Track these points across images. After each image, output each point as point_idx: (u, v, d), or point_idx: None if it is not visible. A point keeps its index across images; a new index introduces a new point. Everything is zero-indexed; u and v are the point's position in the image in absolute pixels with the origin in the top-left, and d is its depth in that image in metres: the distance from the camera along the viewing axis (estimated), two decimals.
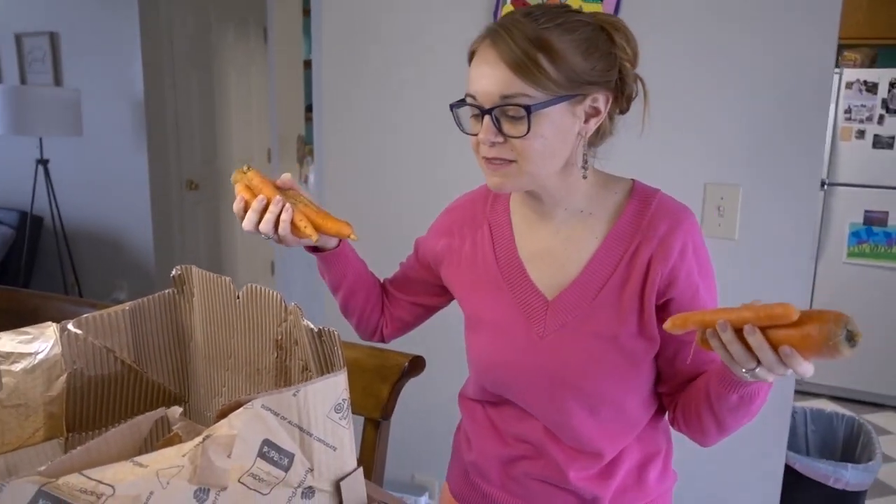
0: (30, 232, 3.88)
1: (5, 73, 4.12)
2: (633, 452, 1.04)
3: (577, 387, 0.98)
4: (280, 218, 0.97)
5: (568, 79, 0.89)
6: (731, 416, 0.92)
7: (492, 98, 0.89)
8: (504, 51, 0.88)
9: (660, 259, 0.94)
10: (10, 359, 0.86)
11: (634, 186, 1.02)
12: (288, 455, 0.71)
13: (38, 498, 0.55)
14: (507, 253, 1.05)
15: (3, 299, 1.56)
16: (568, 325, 0.98)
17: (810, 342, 0.72)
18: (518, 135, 0.89)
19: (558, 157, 0.94)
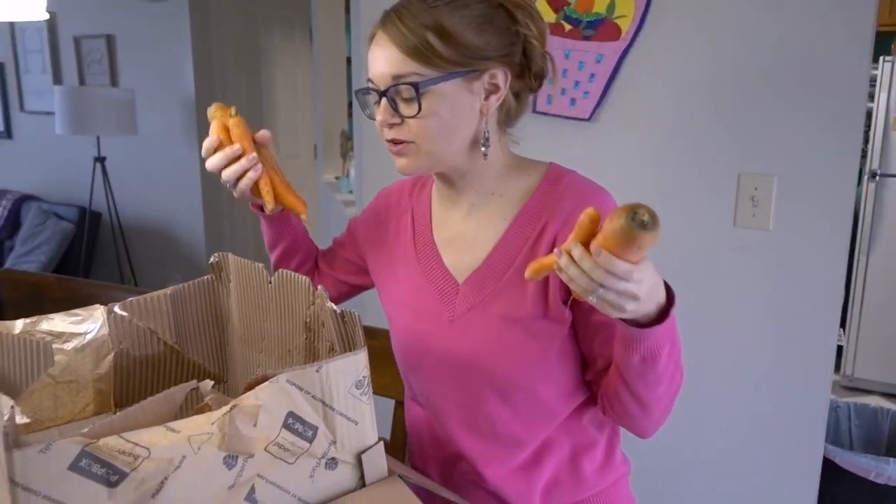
0: (89, 227, 4.05)
1: (65, 75, 4.30)
2: (561, 444, 1.01)
3: (488, 371, 0.97)
4: (246, 174, 0.99)
5: (460, 55, 0.90)
6: (643, 385, 0.89)
7: (384, 80, 0.91)
8: (394, 34, 0.90)
9: (564, 238, 0.90)
10: (63, 338, 0.93)
11: (549, 169, 1.02)
12: (312, 427, 0.75)
13: (82, 457, 0.60)
14: (423, 238, 1.06)
15: (60, 288, 1.65)
16: (476, 307, 0.98)
17: (610, 238, 0.70)
18: (411, 114, 0.91)
19: (459, 136, 0.95)
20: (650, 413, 0.94)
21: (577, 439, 1.02)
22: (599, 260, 0.72)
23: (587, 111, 1.75)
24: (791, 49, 1.56)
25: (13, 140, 4.66)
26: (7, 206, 4.31)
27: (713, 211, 1.68)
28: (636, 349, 0.85)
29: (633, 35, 1.67)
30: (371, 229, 1.15)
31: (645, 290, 0.76)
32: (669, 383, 0.90)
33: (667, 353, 0.86)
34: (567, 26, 1.73)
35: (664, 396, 0.91)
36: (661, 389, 0.90)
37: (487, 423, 1.00)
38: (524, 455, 1.01)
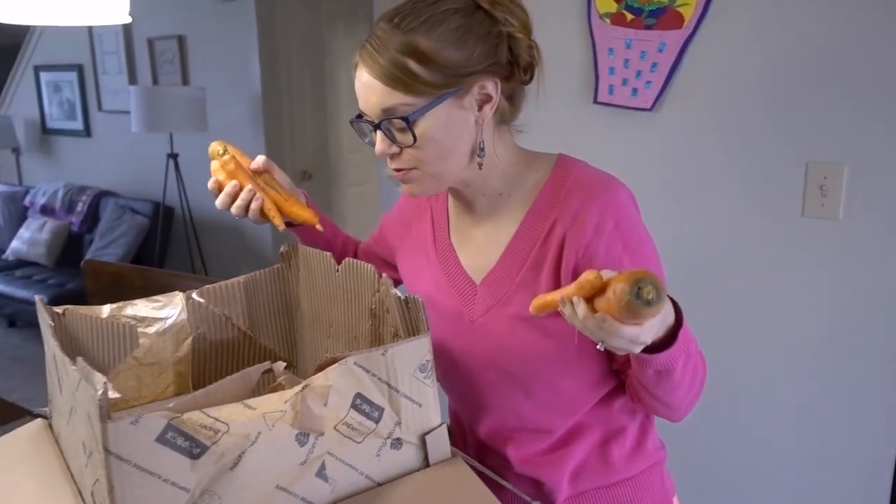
0: (162, 221, 4.22)
1: (139, 75, 4.47)
2: (590, 430, 1.01)
3: (509, 370, 0.97)
4: (250, 206, 1.02)
5: (444, 76, 0.86)
6: (662, 391, 0.89)
7: (374, 113, 0.89)
8: (372, 67, 0.87)
9: (573, 236, 0.91)
10: (145, 322, 0.99)
11: (557, 163, 0.98)
12: (378, 408, 0.79)
13: (168, 430, 0.65)
14: (442, 240, 1.06)
15: (139, 278, 1.74)
16: (493, 308, 0.97)
17: (614, 309, 0.68)
18: (408, 144, 0.89)
19: (458, 153, 0.92)
20: (676, 409, 0.94)
21: (606, 426, 1.02)
22: (604, 325, 0.70)
23: (649, 101, 1.74)
24: (862, 34, 1.51)
25: (92, 138, 4.88)
26: (87, 202, 4.52)
27: (780, 201, 1.65)
28: (649, 365, 0.84)
29: (697, 23, 1.65)
30: (396, 227, 1.16)
31: (652, 336, 0.76)
32: (690, 384, 0.90)
33: (682, 363, 0.85)
34: (629, 16, 1.72)
35: (687, 395, 0.91)
36: (682, 392, 0.90)
37: (513, 416, 1.01)
38: (551, 440, 1.01)
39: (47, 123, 5.14)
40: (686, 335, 0.83)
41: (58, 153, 5.18)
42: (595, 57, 1.79)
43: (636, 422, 1.04)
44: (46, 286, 4.07)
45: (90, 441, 0.69)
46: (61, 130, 5.06)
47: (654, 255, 0.95)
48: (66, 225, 4.52)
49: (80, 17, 0.84)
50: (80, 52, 4.70)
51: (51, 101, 5.05)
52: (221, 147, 1.05)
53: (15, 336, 4.38)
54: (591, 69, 1.81)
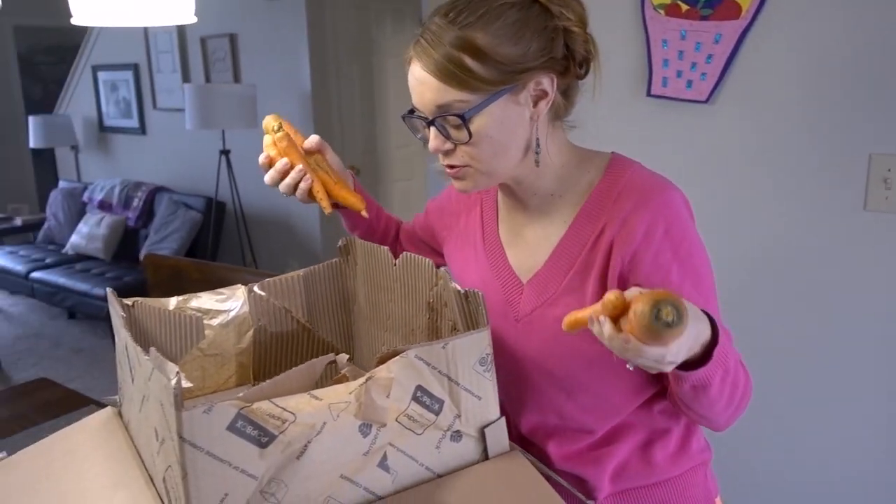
0: (215, 216, 4.31)
1: (192, 74, 4.57)
2: (632, 431, 1.00)
3: (551, 370, 0.96)
4: (298, 186, 1.01)
5: (501, 72, 0.85)
6: (699, 405, 0.87)
7: (428, 109, 0.88)
8: (427, 63, 0.85)
9: (621, 242, 0.89)
10: (209, 315, 1.02)
11: (610, 162, 0.95)
12: (438, 401, 0.80)
13: (238, 419, 0.67)
14: (491, 235, 1.05)
15: (197, 271, 1.79)
16: (538, 308, 0.96)
17: (637, 330, 0.67)
18: (463, 140, 0.87)
19: (513, 150, 0.91)
20: (715, 421, 0.92)
21: (649, 427, 1.00)
22: (629, 346, 0.69)
23: (705, 93, 1.71)
24: None
25: (147, 136, 5.01)
26: (142, 198, 4.65)
27: (841, 195, 1.61)
28: (685, 381, 0.82)
29: (755, 13, 1.61)
30: (444, 216, 1.16)
31: (682, 356, 0.74)
32: (730, 398, 0.87)
33: (719, 378, 0.83)
34: (684, 6, 1.69)
35: (726, 409, 0.88)
36: (720, 406, 0.87)
37: (554, 414, 1.00)
38: (593, 440, 1.00)
39: (104, 122, 5.29)
40: (722, 352, 0.81)
41: (114, 150, 5.33)
42: (648, 49, 1.77)
43: (681, 424, 1.02)
44: (104, 279, 4.20)
45: (162, 428, 0.72)
46: (117, 128, 5.21)
47: (705, 265, 0.92)
48: (122, 220, 4.66)
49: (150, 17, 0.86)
50: (136, 52, 4.82)
51: (108, 100, 5.20)
52: (276, 122, 1.02)
53: (74, 328, 4.53)
54: (645, 61, 1.79)
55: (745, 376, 0.90)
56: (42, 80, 6.51)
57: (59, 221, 5.03)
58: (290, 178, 1.02)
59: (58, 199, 5.07)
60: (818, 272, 1.66)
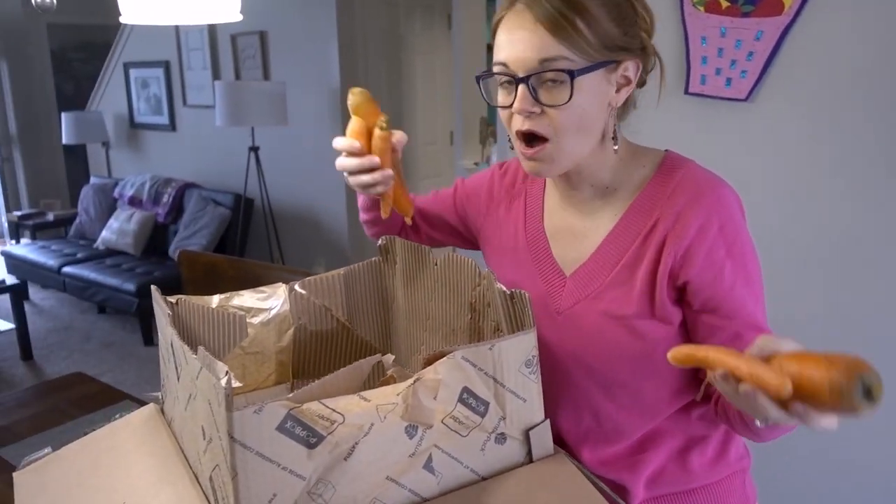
0: (243, 212, 4.34)
1: (223, 71, 4.60)
2: (669, 437, 0.98)
3: (591, 366, 0.95)
4: (376, 186, 0.95)
5: (603, 44, 0.85)
6: (766, 433, 0.85)
7: (528, 64, 0.85)
8: (541, 13, 0.83)
9: (674, 237, 0.88)
10: (251, 313, 1.02)
11: (664, 159, 0.95)
12: (484, 403, 0.79)
13: (287, 419, 0.67)
14: (534, 226, 1.04)
15: (231, 268, 1.80)
16: (581, 302, 0.95)
17: (822, 399, 0.61)
18: (558, 102, 0.85)
19: (593, 132, 0.90)
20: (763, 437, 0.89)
21: (686, 433, 0.99)
22: (800, 415, 0.64)
23: (744, 91, 1.69)
24: None
25: (177, 132, 5.06)
26: (172, 194, 4.69)
27: (886, 197, 1.57)
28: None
29: (798, 9, 1.58)
30: (483, 202, 1.13)
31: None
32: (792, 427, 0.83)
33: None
34: (724, 3, 1.66)
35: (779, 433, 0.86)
36: (782, 432, 0.85)
37: (590, 414, 0.99)
38: (628, 444, 0.99)
39: (135, 118, 5.35)
40: None
41: (145, 147, 5.39)
42: (687, 46, 1.75)
43: (719, 430, 1.01)
44: (134, 274, 4.24)
45: (210, 427, 0.72)
46: (148, 125, 5.27)
47: (756, 264, 0.91)
48: (152, 216, 4.71)
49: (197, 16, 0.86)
50: (167, 50, 4.87)
51: (139, 97, 5.26)
52: (385, 120, 0.92)
53: (104, 322, 4.59)
54: (683, 58, 1.76)
55: None
56: (74, 76, 6.60)
57: (90, 217, 5.10)
58: (372, 178, 0.94)
59: (89, 195, 5.14)
60: (865, 273, 1.63)
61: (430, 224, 1.22)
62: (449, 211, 1.19)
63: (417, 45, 4.45)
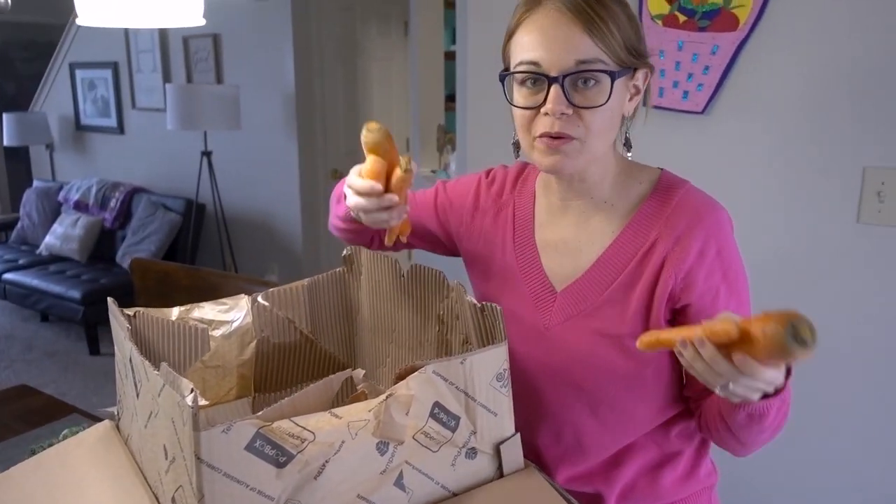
0: (195, 217, 4.24)
1: (174, 73, 4.50)
2: (643, 452, 0.99)
3: (579, 384, 0.94)
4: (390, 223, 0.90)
5: (627, 50, 0.86)
6: (745, 433, 0.87)
7: (563, 64, 0.83)
8: (577, 14, 0.83)
9: (675, 260, 0.88)
10: (212, 325, 0.99)
11: (661, 177, 0.96)
12: (455, 417, 0.78)
13: (256, 438, 0.65)
14: (523, 239, 1.02)
15: (186, 277, 1.75)
16: (572, 318, 0.94)
17: (759, 346, 0.67)
18: (594, 104, 0.84)
19: (612, 134, 0.90)
20: (749, 448, 0.92)
21: (662, 449, 0.99)
22: (743, 367, 0.69)
23: (701, 104, 1.72)
24: None
25: (125, 135, 4.93)
26: (120, 198, 4.56)
27: (835, 207, 1.62)
28: (743, 407, 0.83)
29: (752, 25, 1.62)
30: (468, 210, 1.08)
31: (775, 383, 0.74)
32: (777, 427, 0.87)
33: (776, 409, 0.83)
34: (681, 17, 1.69)
35: (771, 436, 0.89)
36: (768, 434, 0.88)
37: (571, 432, 0.98)
38: (603, 458, 0.99)
39: (81, 120, 5.19)
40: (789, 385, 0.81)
41: (91, 150, 5.23)
42: None
43: (692, 447, 1.02)
44: (80, 281, 4.11)
45: (173, 447, 0.69)
46: (95, 127, 5.11)
47: (746, 288, 0.94)
48: (99, 221, 4.57)
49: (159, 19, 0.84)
50: (116, 51, 4.74)
51: (85, 98, 5.11)
52: (406, 161, 0.87)
53: (47, 330, 4.43)
54: None
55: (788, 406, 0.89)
56: (16, 76, 6.37)
57: (32, 222, 4.92)
58: (388, 216, 0.88)
59: (32, 199, 4.96)
60: (812, 283, 1.68)
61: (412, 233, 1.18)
62: (429, 216, 1.13)
63: (373, 52, 4.42)
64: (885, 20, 1.51)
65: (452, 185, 1.13)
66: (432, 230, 1.13)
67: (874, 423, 1.65)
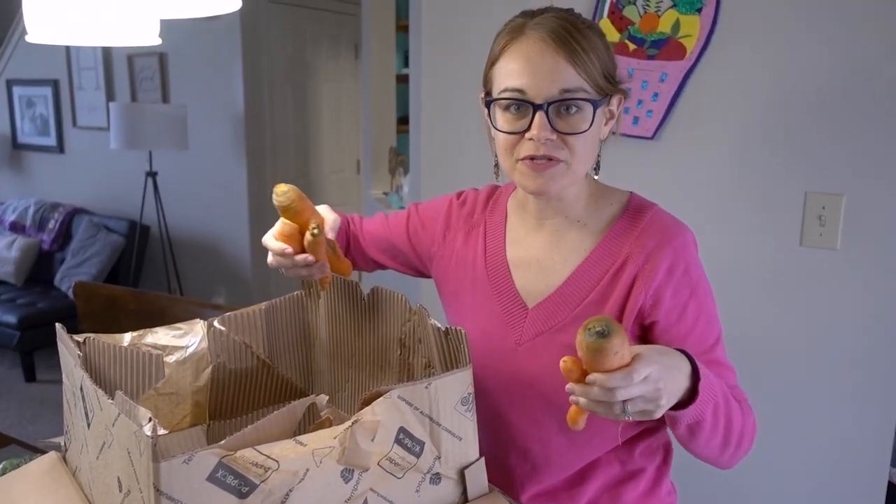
0: (139, 239, 4.13)
1: (118, 92, 4.40)
2: (606, 469, 1.00)
3: (550, 399, 0.95)
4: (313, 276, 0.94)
5: (606, 79, 0.90)
6: (697, 445, 0.89)
7: (548, 92, 0.87)
8: (560, 43, 0.87)
9: (644, 277, 0.91)
10: (166, 351, 0.96)
11: (630, 199, 1.00)
12: (419, 443, 0.77)
13: (219, 468, 0.63)
14: (495, 257, 1.04)
15: (133, 301, 1.70)
16: (543, 334, 0.96)
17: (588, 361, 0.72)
18: (577, 130, 0.88)
19: (593, 158, 0.96)
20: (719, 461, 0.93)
21: (625, 466, 1.01)
22: (597, 382, 0.71)
23: (650, 130, 1.76)
24: (861, 65, 1.55)
25: (65, 154, 4.78)
26: (59, 219, 4.41)
27: (778, 231, 1.67)
28: (680, 423, 0.84)
29: (699, 55, 1.67)
30: (439, 230, 1.11)
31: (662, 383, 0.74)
32: (726, 435, 0.88)
33: (711, 412, 0.84)
34: (631, 45, 1.74)
35: (725, 447, 0.90)
36: (717, 443, 0.89)
37: (540, 448, 0.99)
38: (567, 475, 1.00)
39: (18, 138, 5.02)
40: (709, 384, 0.83)
41: (29, 169, 5.06)
42: None
43: (654, 465, 1.03)
44: (15, 305, 3.95)
45: (129, 478, 0.67)
46: (33, 146, 4.95)
47: (714, 304, 0.96)
48: (36, 242, 4.41)
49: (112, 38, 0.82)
50: (56, 68, 4.61)
51: (23, 116, 4.94)
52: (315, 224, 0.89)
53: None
54: None
55: (743, 413, 0.91)
56: None
57: None
58: (309, 272, 0.93)
59: None
60: (755, 306, 1.72)
61: (377, 248, 1.19)
62: (401, 237, 1.16)
63: (324, 73, 4.41)
64: (824, 51, 1.58)
65: (424, 207, 1.17)
66: (404, 250, 1.16)
67: (818, 443, 1.70)
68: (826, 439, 1.70)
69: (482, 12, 2.02)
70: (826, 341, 1.66)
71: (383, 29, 3.48)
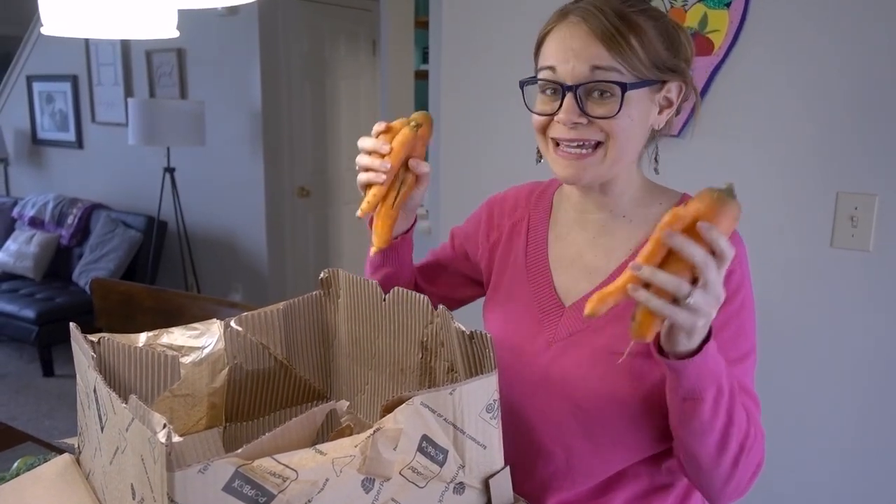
0: (156, 235, 4.13)
1: (136, 88, 4.41)
2: (633, 481, 0.96)
3: (576, 402, 0.93)
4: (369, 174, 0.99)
5: (653, 63, 0.87)
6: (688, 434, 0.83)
7: (579, 74, 0.86)
8: (596, 26, 0.86)
9: None
10: (182, 352, 0.93)
11: (682, 199, 0.98)
12: (443, 451, 0.74)
13: (235, 478, 0.60)
14: (536, 253, 1.03)
15: (149, 298, 1.68)
16: (577, 334, 0.94)
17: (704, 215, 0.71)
18: (607, 114, 0.86)
19: (636, 145, 0.92)
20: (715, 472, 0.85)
21: (652, 480, 0.97)
22: (707, 233, 0.69)
23: (676, 127, 1.72)
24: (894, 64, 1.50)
25: (84, 150, 4.80)
26: (78, 215, 4.43)
27: (809, 231, 1.63)
28: (679, 386, 0.80)
29: (727, 50, 1.63)
30: (483, 232, 1.12)
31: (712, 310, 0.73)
32: (724, 434, 0.82)
33: (712, 397, 0.80)
34: None
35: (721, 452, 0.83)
36: (713, 439, 0.82)
37: (564, 453, 0.96)
38: (592, 485, 0.97)
39: (38, 134, 5.05)
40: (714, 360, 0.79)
41: (48, 164, 5.09)
42: None
43: (682, 482, 0.99)
44: (34, 300, 3.96)
45: (142, 486, 0.64)
46: (52, 141, 4.97)
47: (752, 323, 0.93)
48: (55, 238, 4.43)
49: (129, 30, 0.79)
50: (76, 64, 4.63)
51: (42, 112, 4.97)
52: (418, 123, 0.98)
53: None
54: None
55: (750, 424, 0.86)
56: None
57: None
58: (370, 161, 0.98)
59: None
60: (785, 308, 1.68)
61: (434, 283, 1.18)
62: (454, 259, 1.17)
63: (341, 69, 4.39)
64: (857, 47, 1.53)
65: (465, 223, 1.17)
66: (464, 271, 1.16)
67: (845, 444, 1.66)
68: (853, 441, 1.65)
69: (504, 7, 1.99)
70: (856, 345, 1.61)
71: (401, 25, 3.45)
